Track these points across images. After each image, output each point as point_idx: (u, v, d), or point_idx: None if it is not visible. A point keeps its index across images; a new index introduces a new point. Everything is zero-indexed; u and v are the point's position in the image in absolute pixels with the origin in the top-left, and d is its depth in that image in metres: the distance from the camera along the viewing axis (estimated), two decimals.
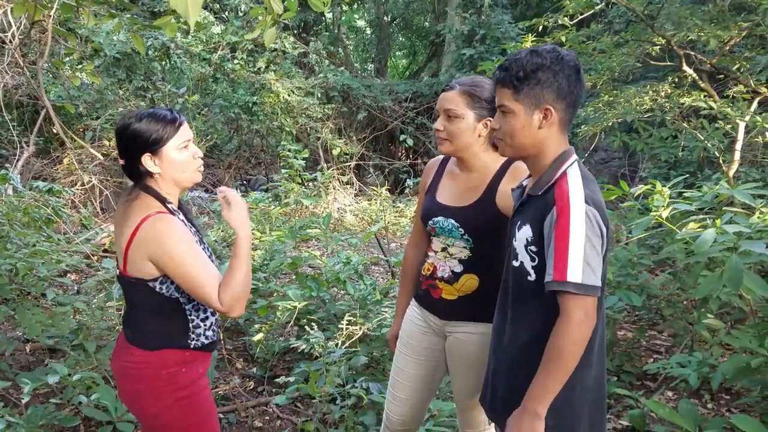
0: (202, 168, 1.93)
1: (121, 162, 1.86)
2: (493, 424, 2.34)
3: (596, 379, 1.72)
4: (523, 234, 1.70)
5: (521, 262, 1.72)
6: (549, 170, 1.69)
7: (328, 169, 9.86)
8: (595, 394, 1.73)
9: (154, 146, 1.80)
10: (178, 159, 1.84)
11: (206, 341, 1.93)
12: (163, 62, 9.47)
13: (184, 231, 1.79)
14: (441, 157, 2.36)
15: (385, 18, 15.47)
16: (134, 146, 1.81)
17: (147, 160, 1.82)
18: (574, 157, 1.71)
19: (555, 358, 1.56)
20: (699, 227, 2.77)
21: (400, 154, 12.70)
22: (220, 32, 10.16)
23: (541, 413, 1.60)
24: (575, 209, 1.57)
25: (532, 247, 1.68)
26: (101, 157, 6.40)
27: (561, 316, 1.57)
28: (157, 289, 1.82)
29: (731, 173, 4.73)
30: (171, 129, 1.81)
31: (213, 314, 1.96)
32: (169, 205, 1.85)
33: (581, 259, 1.54)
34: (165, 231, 1.76)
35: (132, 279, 1.83)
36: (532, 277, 1.69)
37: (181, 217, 1.87)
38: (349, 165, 10.65)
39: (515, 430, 1.63)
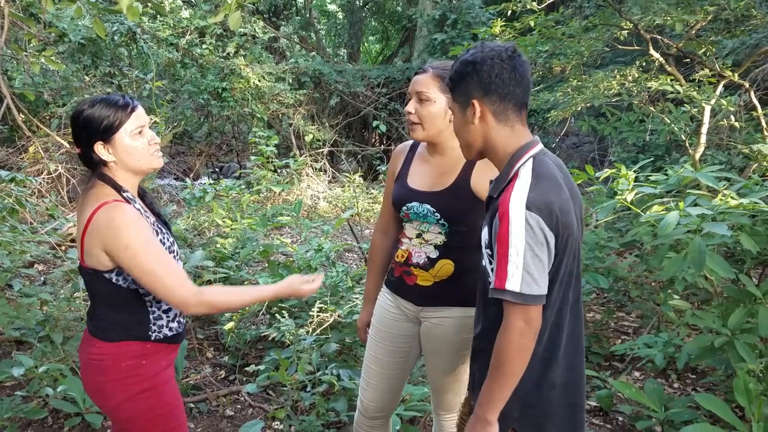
0: (160, 153, 1.88)
1: (77, 151, 1.82)
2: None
3: (568, 379, 1.69)
4: (484, 236, 1.70)
5: (485, 264, 1.72)
6: (505, 170, 1.66)
7: (300, 155, 9.80)
8: (569, 388, 1.70)
9: (106, 133, 1.76)
10: (132, 146, 1.79)
11: (170, 333, 1.90)
12: (130, 47, 9.28)
13: (140, 220, 1.74)
14: (410, 142, 2.34)
15: (357, 2, 15.35)
16: (86, 134, 1.76)
17: (100, 149, 1.77)
18: (532, 152, 1.64)
19: (498, 366, 1.56)
20: (663, 210, 2.81)
21: (373, 140, 12.66)
22: (188, 17, 9.98)
23: (491, 420, 1.59)
24: (514, 216, 1.52)
25: (488, 250, 1.67)
26: (68, 145, 6.28)
27: (503, 323, 1.55)
28: (114, 281, 1.78)
29: (697, 156, 4.79)
30: (123, 115, 1.77)
31: None
32: (125, 194, 1.80)
33: (521, 268, 1.51)
34: (118, 220, 1.70)
35: (90, 270, 1.79)
36: (491, 278, 1.65)
37: (138, 205, 1.82)
38: (322, 151, 10.59)
39: None
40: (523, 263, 1.50)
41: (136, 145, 1.80)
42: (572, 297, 1.67)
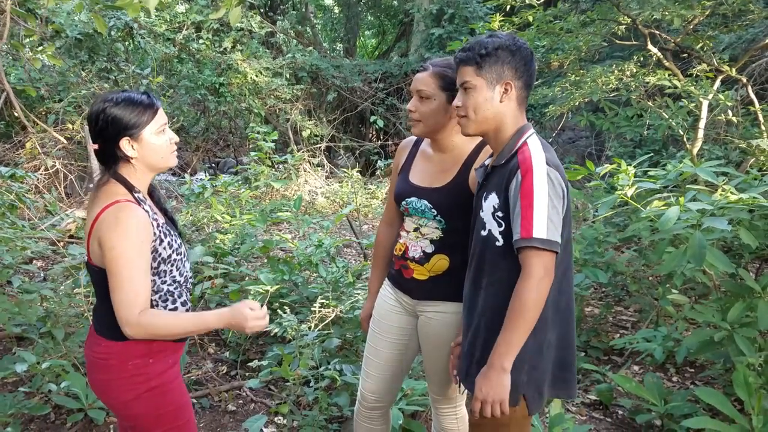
0: (176, 153, 1.91)
1: (95, 146, 1.82)
2: (464, 402, 2.39)
3: (561, 338, 1.81)
4: (490, 202, 1.80)
5: (489, 230, 1.81)
6: (510, 142, 1.82)
7: (298, 151, 9.79)
8: (561, 353, 1.82)
9: (133, 130, 1.77)
10: (157, 143, 1.82)
11: None
12: (127, 43, 9.25)
13: (140, 227, 1.73)
14: (414, 137, 2.37)
15: None
16: (112, 130, 1.77)
17: (125, 144, 1.78)
18: (532, 130, 1.85)
19: (518, 314, 1.65)
20: (663, 205, 2.83)
21: (370, 135, 12.65)
22: (184, 11, 9.95)
23: (507, 368, 1.69)
24: (538, 171, 1.69)
25: (499, 213, 1.78)
26: (65, 141, 6.26)
27: (522, 273, 1.67)
28: None
29: (695, 151, 4.82)
30: (149, 113, 1.80)
31: (183, 305, 1.91)
32: (136, 194, 1.80)
33: (545, 217, 1.65)
34: (121, 220, 1.70)
35: (95, 268, 1.79)
36: (500, 242, 1.78)
37: (147, 206, 1.82)
38: (320, 147, 10.58)
39: (483, 384, 1.71)
40: (547, 213, 1.66)
41: (160, 142, 1.83)
42: (568, 265, 1.82)
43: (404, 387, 3.02)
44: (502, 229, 1.77)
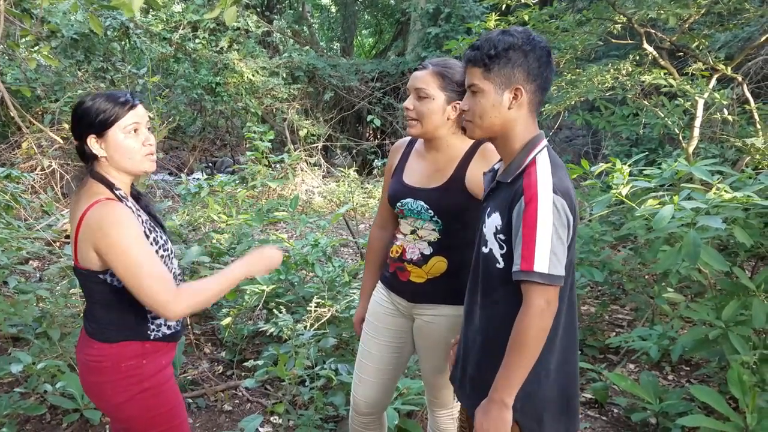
0: (154, 157, 1.84)
1: (75, 143, 1.80)
2: (459, 403, 2.39)
3: (563, 363, 1.72)
4: (493, 221, 1.70)
5: (490, 249, 1.72)
6: (519, 156, 1.69)
7: (295, 150, 9.79)
8: (563, 378, 1.72)
9: (99, 128, 1.73)
10: (124, 144, 1.76)
11: (168, 331, 1.88)
12: (123, 42, 9.24)
13: (131, 219, 1.71)
14: (407, 138, 2.34)
15: None
16: (81, 126, 1.75)
17: (92, 142, 1.75)
18: (544, 142, 1.70)
19: (518, 348, 1.58)
20: (657, 204, 2.83)
21: (367, 134, 12.64)
22: (180, 11, 9.94)
23: (508, 403, 1.61)
24: (543, 199, 1.56)
25: (501, 236, 1.67)
26: (61, 141, 6.25)
27: (524, 305, 1.58)
28: (109, 281, 1.76)
29: (691, 150, 4.82)
30: (120, 110, 1.74)
31: None
32: (117, 192, 1.77)
33: (548, 250, 1.54)
34: (109, 218, 1.67)
35: (84, 271, 1.77)
36: (501, 264, 1.69)
37: (130, 203, 1.79)
38: (317, 146, 10.57)
39: (483, 420, 1.64)
40: (550, 245, 1.55)
41: (129, 143, 1.77)
42: (570, 287, 1.71)
43: (400, 386, 3.02)
44: (503, 251, 1.67)
